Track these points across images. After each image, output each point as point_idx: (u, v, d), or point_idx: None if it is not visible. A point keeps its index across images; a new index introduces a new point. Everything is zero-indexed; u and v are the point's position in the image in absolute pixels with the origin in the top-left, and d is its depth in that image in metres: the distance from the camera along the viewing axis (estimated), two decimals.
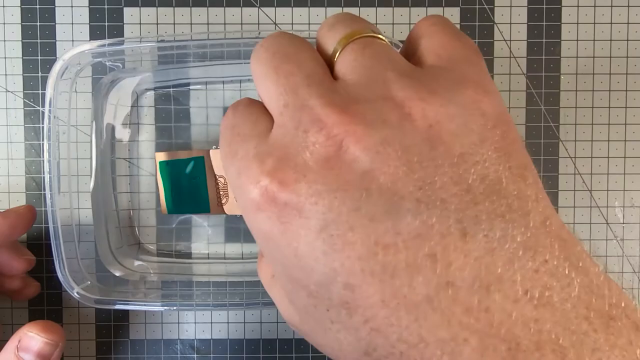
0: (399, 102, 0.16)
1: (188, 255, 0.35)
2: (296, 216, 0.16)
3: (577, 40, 0.35)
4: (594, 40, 0.35)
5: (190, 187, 0.31)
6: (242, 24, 0.35)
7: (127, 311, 0.35)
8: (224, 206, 0.30)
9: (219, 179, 0.30)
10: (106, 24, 0.34)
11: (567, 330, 0.14)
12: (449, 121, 0.16)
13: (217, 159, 0.30)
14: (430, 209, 0.15)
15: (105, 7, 0.34)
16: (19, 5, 0.34)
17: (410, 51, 0.19)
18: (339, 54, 0.18)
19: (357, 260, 0.15)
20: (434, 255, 0.15)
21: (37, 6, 0.34)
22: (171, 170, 0.31)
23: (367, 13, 0.35)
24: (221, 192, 0.30)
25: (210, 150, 0.30)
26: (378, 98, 0.16)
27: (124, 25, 0.35)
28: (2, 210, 0.31)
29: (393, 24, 0.35)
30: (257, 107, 0.19)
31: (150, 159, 0.35)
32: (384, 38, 0.19)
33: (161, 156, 0.32)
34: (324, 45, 0.19)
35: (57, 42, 0.34)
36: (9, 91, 0.34)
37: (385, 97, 0.16)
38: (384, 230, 0.15)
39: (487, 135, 0.16)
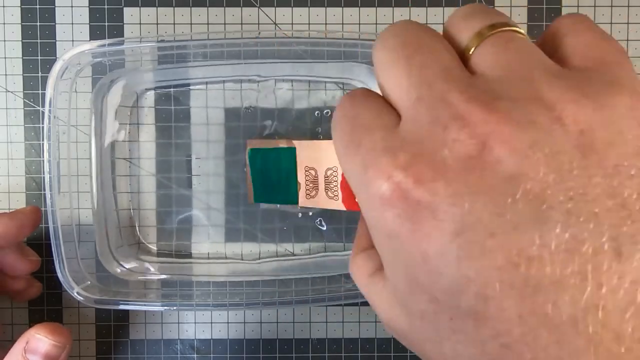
0: (549, 103, 0.15)
1: (188, 255, 0.35)
2: (429, 216, 0.15)
3: None
4: None
5: (280, 178, 0.30)
6: (242, 24, 0.35)
7: (127, 311, 0.35)
8: (312, 199, 0.29)
9: (309, 170, 0.28)
10: (106, 24, 0.34)
11: None
12: (602, 128, 0.14)
13: (306, 150, 0.29)
14: (582, 223, 0.14)
15: (105, 7, 0.34)
16: (19, 5, 0.34)
17: (549, 50, 0.17)
18: (477, 47, 0.17)
19: (495, 270, 0.14)
20: (584, 273, 0.13)
21: (37, 6, 0.34)
22: (261, 158, 0.30)
23: (367, 13, 0.35)
24: (311, 185, 0.29)
25: (298, 142, 0.29)
26: (525, 97, 0.15)
27: (124, 25, 0.35)
28: (8, 212, 0.31)
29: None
30: (378, 98, 0.18)
31: (150, 159, 0.35)
32: (524, 33, 0.17)
33: (253, 143, 0.31)
34: (455, 36, 0.18)
35: (57, 42, 0.34)
36: (9, 91, 0.34)
37: (533, 97, 0.15)
38: (529, 241, 0.14)
39: None
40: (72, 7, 0.34)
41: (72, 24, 0.34)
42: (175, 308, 0.33)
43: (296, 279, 0.35)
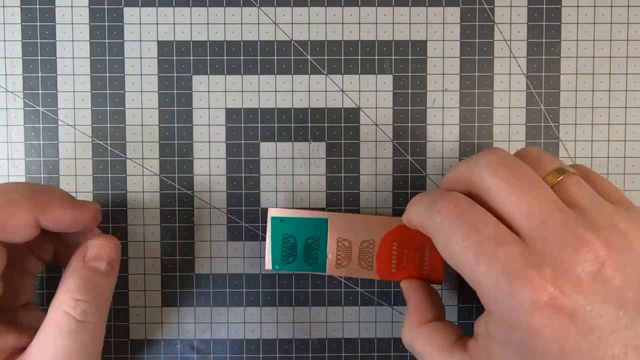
0: (623, 230, 0.21)
1: (190, 254, 0.35)
2: (568, 319, 0.20)
3: (577, 40, 0.35)
4: (594, 40, 0.35)
5: (307, 247, 0.32)
6: (242, 24, 0.35)
7: (127, 311, 0.35)
8: (343, 268, 0.32)
9: (342, 241, 0.32)
10: (106, 24, 0.34)
11: None
12: None
13: (339, 222, 0.32)
14: None
15: (105, 7, 0.34)
16: (19, 5, 0.34)
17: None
18: (557, 184, 0.23)
19: (612, 357, 0.20)
20: None
21: (37, 6, 0.34)
22: (286, 226, 0.32)
23: (367, 13, 0.35)
24: (342, 255, 0.32)
25: (331, 213, 0.32)
26: (610, 226, 0.21)
27: (124, 25, 0.34)
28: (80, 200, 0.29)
29: (393, 23, 0.35)
30: (487, 213, 0.23)
31: (154, 159, 0.35)
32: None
33: (274, 212, 0.32)
34: (538, 171, 0.24)
35: (57, 42, 0.34)
36: (9, 91, 0.34)
37: (614, 226, 0.21)
38: (634, 335, 0.20)
39: None
40: (72, 7, 0.34)
41: (72, 24, 0.34)
42: (175, 307, 0.33)
43: (296, 278, 0.35)
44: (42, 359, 0.25)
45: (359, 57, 0.35)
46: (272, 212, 0.32)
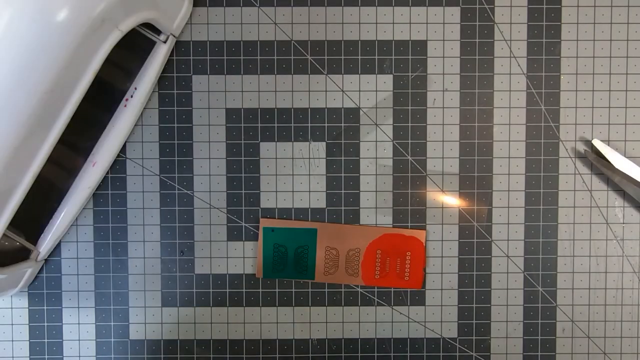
0: None
1: (190, 254, 0.35)
2: None
3: (577, 40, 0.35)
4: (594, 40, 0.35)
5: (296, 256, 0.34)
6: (242, 24, 0.35)
7: (127, 311, 0.35)
8: (331, 275, 0.34)
9: (330, 250, 0.34)
10: None
11: None
12: None
13: (328, 232, 0.34)
14: None
15: None
16: None
17: None
18: None
19: None
20: None
21: None
22: (277, 236, 0.34)
23: (367, 12, 0.35)
24: (330, 263, 0.34)
25: (320, 224, 0.34)
26: None
27: None
28: None
29: (393, 23, 0.35)
30: None
31: (154, 159, 0.35)
32: None
33: (266, 222, 0.34)
34: None
35: None
36: None
37: None
38: None
39: None
40: None
41: None
42: (175, 308, 0.33)
43: (296, 279, 0.35)
44: None
45: (359, 57, 0.35)
46: (264, 223, 0.34)
